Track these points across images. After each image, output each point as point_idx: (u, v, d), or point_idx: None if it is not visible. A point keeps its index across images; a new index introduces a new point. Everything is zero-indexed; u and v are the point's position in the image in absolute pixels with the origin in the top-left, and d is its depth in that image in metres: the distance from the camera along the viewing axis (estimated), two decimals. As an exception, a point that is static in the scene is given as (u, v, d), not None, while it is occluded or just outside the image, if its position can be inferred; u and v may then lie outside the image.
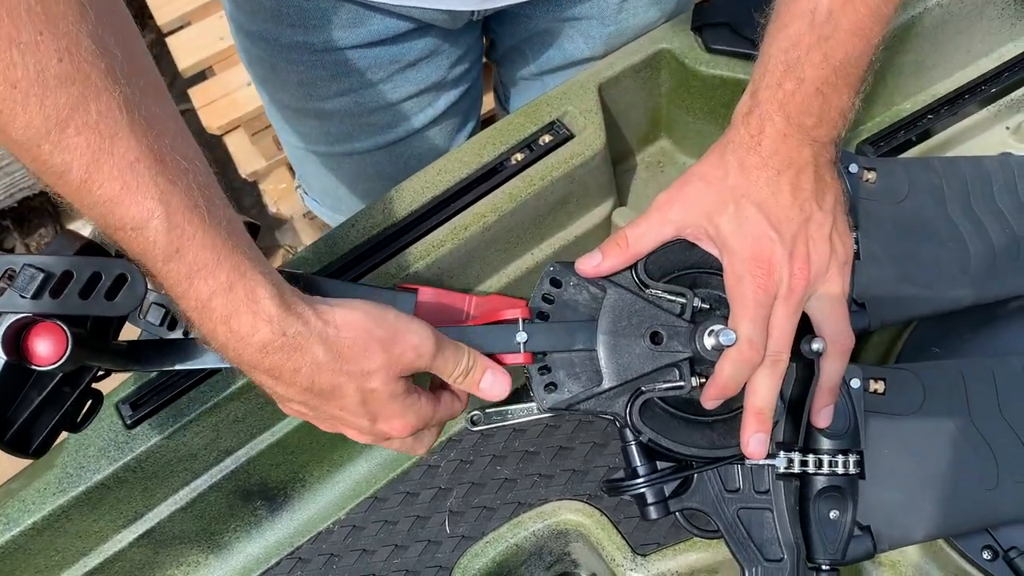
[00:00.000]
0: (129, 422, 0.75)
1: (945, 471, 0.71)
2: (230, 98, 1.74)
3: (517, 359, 0.66)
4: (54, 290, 0.53)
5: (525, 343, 0.65)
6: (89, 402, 0.64)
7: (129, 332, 0.63)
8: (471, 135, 1.11)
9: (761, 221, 0.63)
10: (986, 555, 0.73)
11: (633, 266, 0.67)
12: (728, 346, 0.62)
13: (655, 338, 0.66)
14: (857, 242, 0.72)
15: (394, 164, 1.05)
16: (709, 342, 0.64)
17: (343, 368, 0.56)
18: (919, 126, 0.91)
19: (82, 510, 0.75)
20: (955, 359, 0.77)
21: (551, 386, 0.66)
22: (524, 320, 0.66)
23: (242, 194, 2.17)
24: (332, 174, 1.08)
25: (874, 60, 0.66)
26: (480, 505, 0.85)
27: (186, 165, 0.50)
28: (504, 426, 0.88)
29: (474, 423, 0.88)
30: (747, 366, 0.63)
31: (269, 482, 0.85)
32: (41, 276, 0.52)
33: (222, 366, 0.65)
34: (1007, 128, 0.95)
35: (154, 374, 0.76)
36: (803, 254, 0.63)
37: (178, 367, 0.64)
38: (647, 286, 0.67)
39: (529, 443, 0.87)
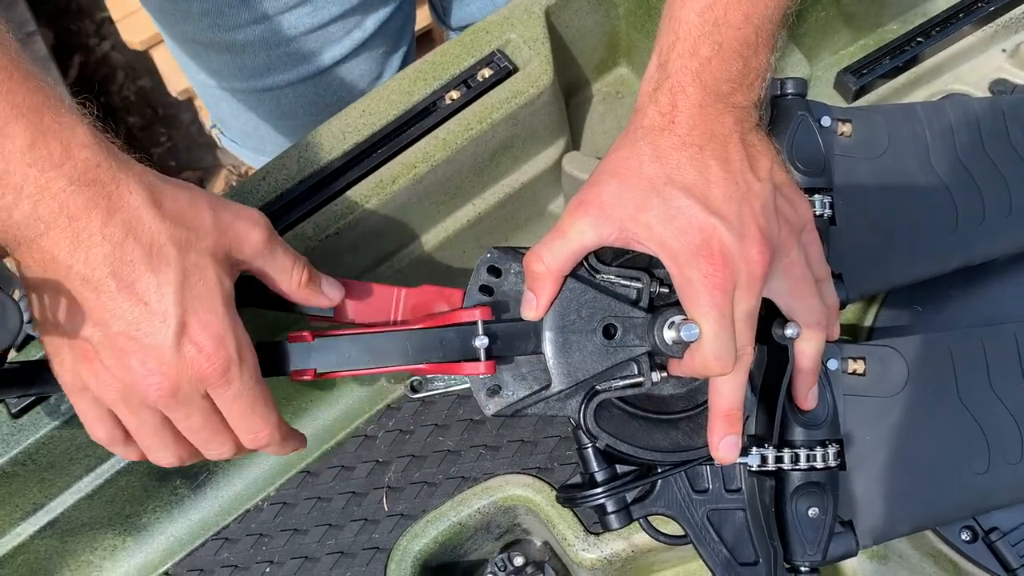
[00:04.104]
0: (15, 411, 0.67)
1: (933, 457, 0.65)
2: (153, 8, 1.57)
3: (478, 368, 0.58)
4: None
5: (486, 349, 0.57)
6: None
7: None
8: (405, 57, 1.00)
9: (695, 208, 0.53)
10: (965, 536, 0.68)
11: None
12: (691, 342, 0.54)
13: (608, 332, 0.58)
14: (832, 206, 0.64)
15: (321, 96, 0.94)
16: (669, 335, 0.56)
17: (163, 221, 0.48)
18: (907, 51, 0.81)
19: (-33, 509, 0.67)
20: (936, 325, 0.70)
21: (494, 389, 0.59)
22: (484, 321, 0.57)
23: (179, 110, 2.02)
24: (251, 113, 0.96)
25: (790, 13, 0.58)
26: (421, 480, 0.79)
27: None
28: (447, 392, 0.81)
29: (414, 389, 0.81)
30: (724, 375, 0.56)
31: (188, 460, 0.78)
32: None
33: None
34: (1003, 51, 0.86)
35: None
36: (755, 233, 0.53)
37: None
38: (597, 271, 0.58)
39: (474, 411, 0.80)
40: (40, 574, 0.76)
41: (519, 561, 0.83)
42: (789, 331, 0.58)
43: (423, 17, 1.45)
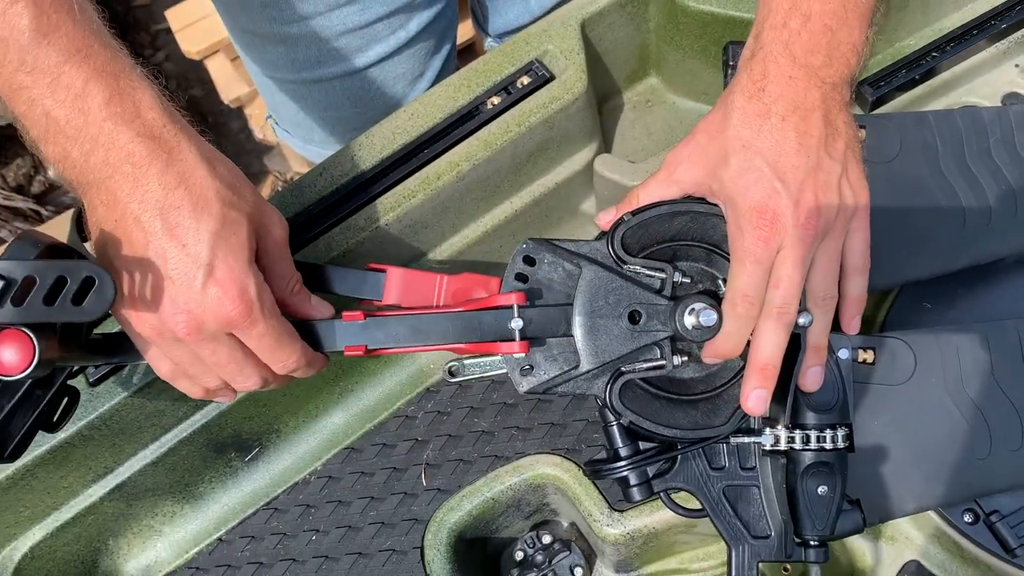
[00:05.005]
0: (92, 380, 0.73)
1: (937, 441, 0.69)
2: (209, 20, 1.66)
3: (513, 348, 0.62)
4: (16, 297, 0.49)
5: (520, 330, 0.62)
6: (65, 400, 0.62)
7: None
8: (447, 59, 1.06)
9: (764, 171, 0.58)
10: (967, 519, 0.72)
11: (610, 241, 0.64)
12: (708, 327, 0.60)
13: (633, 317, 0.63)
14: None
15: (365, 91, 1.00)
16: (689, 321, 0.61)
17: (213, 179, 0.53)
18: (923, 65, 0.86)
19: (48, 468, 0.74)
20: (945, 320, 0.74)
21: (527, 368, 0.64)
22: (519, 306, 0.62)
23: (229, 119, 2.11)
24: (301, 103, 1.04)
25: None
26: (457, 458, 0.84)
27: None
28: (483, 377, 0.86)
29: (452, 374, 0.86)
30: (745, 320, 0.60)
31: (243, 434, 0.84)
32: (0, 284, 0.49)
33: None
34: (1016, 66, 0.90)
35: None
36: (810, 203, 0.59)
37: None
38: (624, 262, 0.64)
39: (507, 395, 0.86)
40: (106, 535, 0.82)
41: (547, 539, 0.88)
42: (801, 320, 0.63)
43: (467, 31, 1.53)
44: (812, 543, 0.67)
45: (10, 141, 1.99)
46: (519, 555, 0.88)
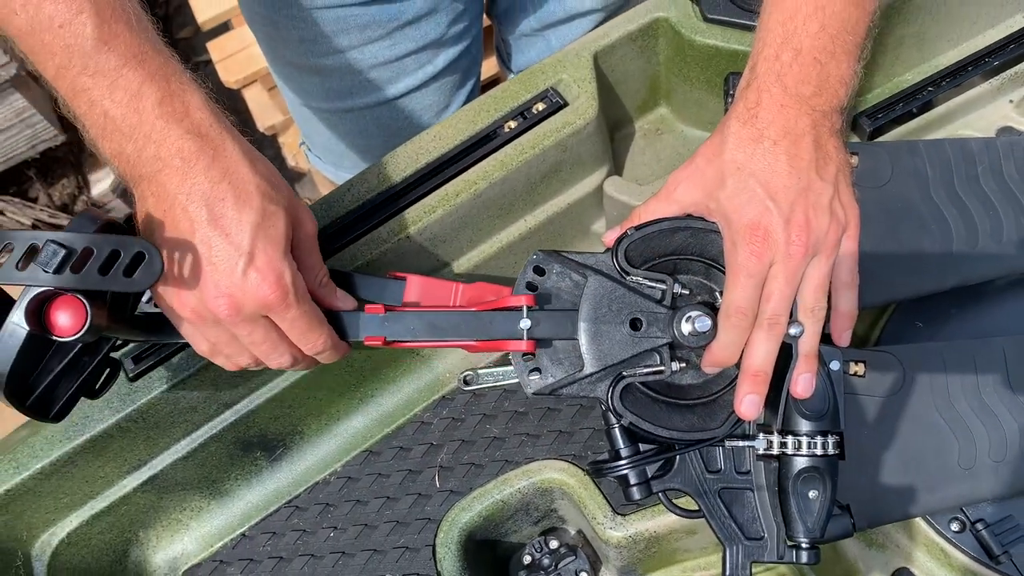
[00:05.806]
0: (131, 375, 0.78)
1: (924, 452, 0.72)
2: (247, 52, 1.75)
3: (520, 346, 0.67)
4: (75, 266, 0.55)
5: (528, 330, 0.67)
6: (107, 371, 0.68)
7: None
8: (471, 93, 1.13)
9: (758, 191, 0.63)
10: (954, 527, 0.75)
11: (614, 253, 0.68)
12: (703, 332, 0.64)
13: (635, 324, 0.67)
14: None
15: (394, 120, 1.07)
16: (686, 328, 0.66)
17: (254, 175, 0.58)
18: (919, 98, 0.90)
19: (87, 456, 0.79)
20: (936, 339, 0.78)
21: (535, 371, 0.68)
22: (528, 307, 0.67)
23: (262, 147, 2.19)
24: (334, 130, 1.10)
25: (872, 27, 0.66)
26: (469, 462, 0.88)
27: None
28: (495, 386, 0.91)
29: (467, 383, 0.91)
30: (738, 331, 0.64)
31: (268, 434, 0.89)
32: (63, 252, 0.54)
33: None
34: (1010, 101, 0.94)
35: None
36: (801, 221, 0.62)
37: None
38: (628, 273, 0.68)
39: (519, 404, 0.90)
40: (137, 526, 0.87)
41: (554, 544, 0.92)
42: (793, 330, 0.67)
43: (491, 67, 1.60)
44: (803, 546, 0.69)
45: (56, 163, 2.08)
46: (527, 559, 0.92)
